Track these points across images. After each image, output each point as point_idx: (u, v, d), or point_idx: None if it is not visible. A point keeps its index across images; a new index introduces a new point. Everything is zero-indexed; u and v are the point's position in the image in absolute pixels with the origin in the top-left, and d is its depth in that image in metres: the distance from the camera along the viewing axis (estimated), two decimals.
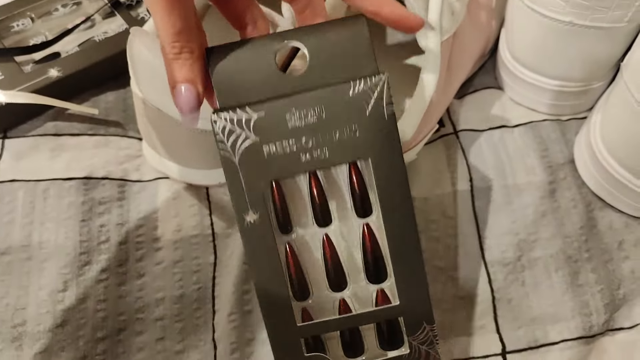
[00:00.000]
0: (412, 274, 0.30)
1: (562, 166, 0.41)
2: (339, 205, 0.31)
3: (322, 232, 0.31)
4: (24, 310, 0.35)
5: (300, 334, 0.30)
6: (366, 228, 0.31)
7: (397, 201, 0.29)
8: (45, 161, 0.40)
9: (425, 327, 0.31)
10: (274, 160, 0.28)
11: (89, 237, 0.37)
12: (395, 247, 0.30)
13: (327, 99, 0.28)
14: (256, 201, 0.29)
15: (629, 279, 0.37)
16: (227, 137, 0.28)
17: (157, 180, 0.40)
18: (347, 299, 0.31)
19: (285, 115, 0.28)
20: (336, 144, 0.29)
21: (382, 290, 0.31)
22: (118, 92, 0.44)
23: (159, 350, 0.35)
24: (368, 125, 0.28)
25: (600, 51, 0.40)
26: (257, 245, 0.29)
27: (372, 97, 0.28)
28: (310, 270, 0.31)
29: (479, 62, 0.46)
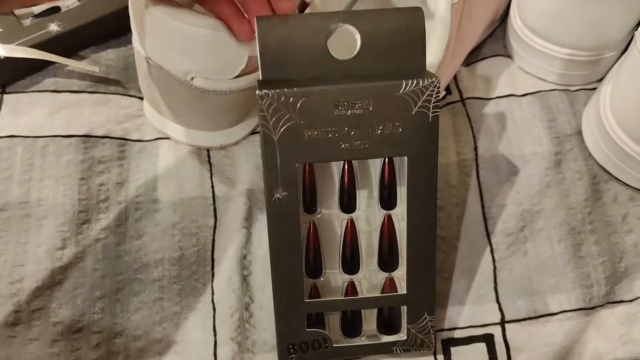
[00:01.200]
0: (423, 268, 0.31)
1: (569, 137, 0.41)
2: (366, 194, 0.32)
3: (346, 216, 0.32)
4: (22, 267, 0.35)
5: (306, 309, 0.31)
6: (387, 219, 0.32)
7: (424, 201, 0.30)
8: (45, 118, 0.39)
9: (425, 317, 0.32)
10: (313, 143, 0.29)
11: (88, 196, 0.37)
12: (413, 241, 0.31)
13: (377, 93, 0.28)
14: (288, 180, 0.29)
15: (631, 252, 0.37)
16: (271, 115, 0.28)
17: (158, 141, 0.40)
18: (356, 282, 0.33)
19: (333, 103, 0.28)
20: (377, 138, 0.29)
21: (391, 279, 0.33)
22: (119, 50, 0.43)
23: (157, 311, 0.34)
24: (412, 124, 0.29)
25: (614, 19, 0.39)
26: (281, 221, 0.30)
27: (422, 98, 0.28)
28: (327, 250, 0.32)
29: (489, 28, 0.45)
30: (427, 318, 0.32)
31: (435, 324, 0.33)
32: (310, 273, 0.32)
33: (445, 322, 0.35)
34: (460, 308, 0.36)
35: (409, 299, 0.32)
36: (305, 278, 0.32)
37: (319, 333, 0.32)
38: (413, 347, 0.33)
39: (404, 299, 0.32)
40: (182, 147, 0.39)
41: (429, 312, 0.32)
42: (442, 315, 0.35)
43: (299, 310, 0.31)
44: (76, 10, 0.42)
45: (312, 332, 0.32)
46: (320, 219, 0.32)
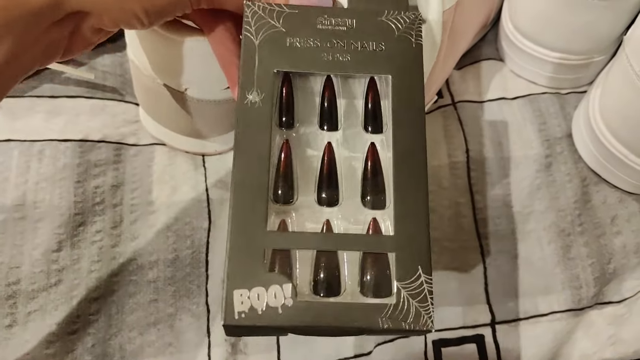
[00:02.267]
0: (413, 206, 0.26)
1: (560, 140, 0.41)
2: (349, 115, 0.29)
3: (326, 137, 0.29)
4: (18, 269, 0.35)
5: (267, 243, 0.25)
6: (371, 147, 0.28)
7: (410, 123, 0.27)
8: (41, 122, 0.40)
9: (420, 274, 0.25)
10: (294, 50, 0.28)
11: (83, 199, 0.37)
12: (400, 171, 0.26)
13: (360, 14, 0.29)
14: (264, 84, 0.27)
15: (620, 254, 0.37)
16: (255, 22, 0.28)
17: (154, 146, 0.40)
18: (333, 220, 0.27)
19: (316, 18, 0.29)
20: (360, 54, 0.28)
21: (375, 220, 0.27)
22: (115, 56, 0.44)
23: (151, 312, 0.35)
24: (395, 45, 0.29)
25: (603, 24, 0.39)
26: (251, 129, 0.26)
27: (403, 25, 0.29)
28: (302, 174, 0.28)
29: (480, 32, 0.46)
30: (423, 277, 0.25)
31: (433, 291, 0.25)
32: (278, 196, 0.27)
33: (437, 323, 0.35)
34: (451, 309, 0.36)
35: (398, 243, 0.25)
36: (273, 205, 0.26)
37: (281, 279, 0.24)
38: (406, 319, 0.24)
39: (391, 243, 0.25)
40: (177, 151, 0.40)
41: (424, 268, 0.25)
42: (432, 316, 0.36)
43: (259, 243, 0.25)
44: None
45: (272, 276, 0.24)
46: (297, 137, 0.29)
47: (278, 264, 0.25)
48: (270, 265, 0.25)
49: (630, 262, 0.37)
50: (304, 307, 0.24)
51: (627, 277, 0.37)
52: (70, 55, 0.27)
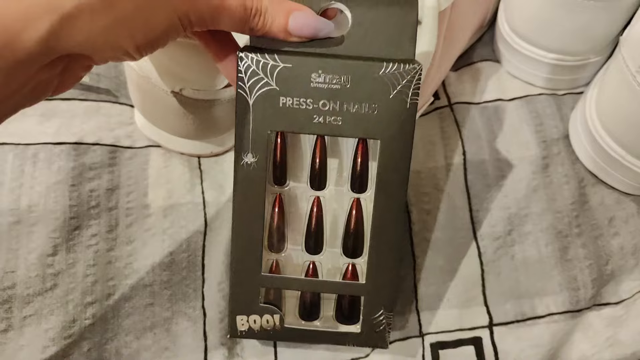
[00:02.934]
0: (385, 259, 0.31)
1: (557, 141, 0.41)
2: (337, 172, 0.31)
3: (314, 194, 0.31)
4: (13, 273, 0.35)
5: (262, 283, 0.31)
6: (355, 202, 0.31)
7: (393, 188, 0.30)
8: (35, 125, 0.40)
9: (382, 313, 0.32)
10: (287, 112, 0.28)
11: (78, 202, 0.37)
12: (378, 229, 0.30)
13: (356, 70, 0.28)
14: (259, 146, 0.29)
15: (617, 255, 0.37)
16: (249, 77, 0.28)
17: (149, 148, 0.40)
18: (317, 263, 0.32)
19: (310, 74, 0.28)
20: (351, 117, 0.29)
21: (353, 266, 0.32)
22: None
23: (147, 316, 0.35)
24: (388, 107, 0.28)
25: (599, 25, 0.39)
26: (248, 187, 0.29)
27: (401, 82, 0.28)
28: (292, 225, 0.32)
29: (476, 33, 0.46)
30: (384, 314, 0.31)
31: (392, 322, 0.32)
32: (272, 246, 0.32)
33: (434, 326, 0.35)
34: (448, 311, 0.36)
35: (367, 289, 0.31)
36: (267, 252, 0.31)
37: (272, 310, 0.31)
38: (366, 342, 0.32)
39: (363, 289, 0.31)
40: (173, 154, 0.40)
41: (386, 307, 0.31)
42: (430, 319, 0.36)
43: (255, 283, 0.31)
44: None
45: (265, 307, 0.31)
46: (288, 192, 0.31)
47: (271, 298, 0.32)
48: (264, 297, 0.32)
49: (627, 264, 0.37)
50: (289, 331, 0.32)
51: (624, 278, 0.37)
52: (59, 93, 0.26)
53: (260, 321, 0.32)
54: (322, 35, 0.28)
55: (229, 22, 0.26)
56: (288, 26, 0.27)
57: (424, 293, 0.36)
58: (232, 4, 0.25)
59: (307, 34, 0.27)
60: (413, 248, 0.37)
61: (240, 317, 0.32)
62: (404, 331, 0.35)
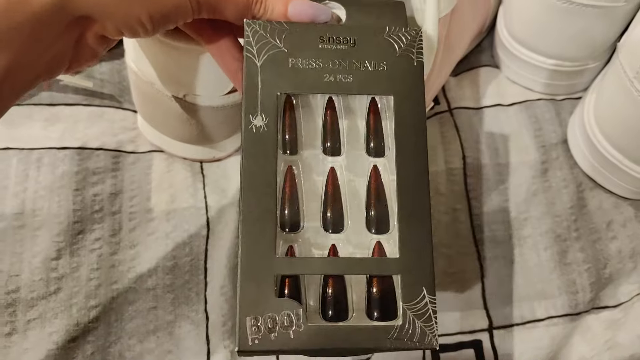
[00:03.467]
0: (418, 229, 0.27)
1: (555, 146, 0.42)
2: (351, 138, 0.30)
3: (329, 162, 0.29)
4: (17, 277, 0.35)
5: (277, 269, 0.26)
6: (374, 170, 0.29)
7: (412, 146, 0.28)
8: (40, 130, 0.40)
9: (425, 295, 0.26)
10: (296, 72, 0.28)
11: (82, 207, 0.38)
12: (404, 195, 0.27)
13: (361, 32, 0.29)
14: (268, 108, 0.28)
15: (615, 259, 0.38)
16: (256, 41, 0.28)
17: (152, 153, 0.40)
18: (339, 244, 0.28)
19: (317, 37, 0.28)
20: (362, 74, 0.29)
21: (379, 243, 0.28)
22: (113, 63, 0.44)
23: (151, 319, 0.35)
24: (396, 64, 0.29)
25: (597, 31, 0.40)
26: (257, 153, 0.27)
27: (405, 42, 0.29)
28: (307, 200, 0.28)
29: (476, 39, 0.46)
30: (427, 298, 0.26)
31: (436, 309, 0.26)
32: (285, 225, 0.27)
33: None
34: (449, 314, 0.36)
35: (403, 266, 0.26)
36: (281, 232, 0.27)
37: (291, 304, 0.25)
38: (412, 338, 0.25)
39: (397, 265, 0.26)
40: (175, 158, 0.40)
41: (428, 289, 0.26)
42: None
43: (269, 270, 0.25)
44: None
45: (283, 301, 0.25)
46: (301, 162, 0.29)
47: (287, 289, 0.26)
48: (279, 290, 0.26)
49: (625, 267, 0.38)
50: (315, 332, 0.25)
51: (622, 281, 0.37)
52: (76, 68, 0.26)
53: (278, 321, 0.25)
54: (320, 20, 0.29)
55: (233, 10, 0.27)
56: (287, 13, 0.28)
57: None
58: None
59: (305, 19, 0.28)
60: None
61: (251, 319, 0.25)
62: None
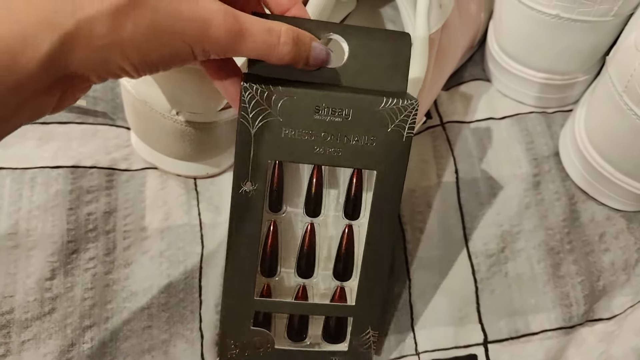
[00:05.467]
0: (374, 282, 0.32)
1: (547, 159, 0.42)
2: (331, 199, 0.32)
3: (309, 220, 0.32)
4: (11, 298, 0.35)
5: (254, 307, 0.32)
6: (348, 229, 0.32)
7: (385, 218, 0.31)
8: (33, 149, 0.40)
9: (369, 332, 0.33)
10: (288, 143, 0.29)
11: (76, 226, 0.37)
12: (369, 256, 0.32)
13: (358, 104, 0.29)
14: (258, 174, 0.29)
15: (608, 271, 0.38)
16: (252, 108, 0.28)
17: (146, 170, 0.40)
18: (308, 286, 0.33)
19: (314, 106, 0.29)
20: (350, 148, 0.29)
21: (342, 288, 0.33)
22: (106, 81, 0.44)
23: (145, 339, 0.35)
24: (385, 141, 0.29)
25: (586, 45, 0.40)
26: (244, 215, 0.30)
27: (399, 117, 0.29)
28: (286, 249, 0.33)
29: (467, 53, 0.46)
30: (371, 332, 0.33)
31: (377, 339, 0.33)
32: (265, 272, 0.32)
33: (429, 343, 0.36)
34: (443, 329, 0.36)
35: (356, 311, 0.32)
36: (260, 276, 0.32)
37: (263, 333, 0.32)
38: (351, 359, 0.34)
39: (351, 310, 0.33)
40: (169, 175, 0.40)
41: (373, 326, 0.33)
42: (426, 337, 0.36)
43: (247, 308, 0.32)
44: None
45: (256, 331, 0.32)
46: (283, 217, 0.32)
47: (260, 320, 0.33)
48: (254, 319, 0.32)
49: (619, 279, 0.38)
50: (279, 353, 0.33)
51: (616, 293, 0.37)
52: (56, 112, 0.25)
53: (252, 344, 0.32)
54: (329, 65, 0.28)
55: (251, 48, 0.25)
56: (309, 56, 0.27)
57: (419, 311, 0.37)
58: (255, 30, 0.25)
59: (320, 64, 0.28)
60: (408, 266, 0.38)
61: (230, 340, 0.32)
62: (400, 350, 0.36)
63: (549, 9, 0.38)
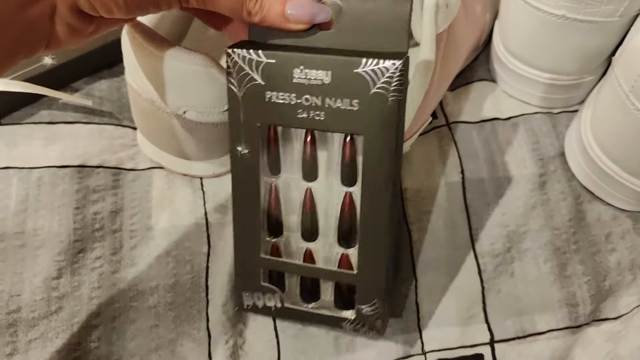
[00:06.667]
0: (373, 251, 0.31)
1: (553, 159, 0.42)
2: (327, 166, 0.32)
3: (306, 184, 0.33)
4: (18, 297, 0.35)
5: (261, 265, 0.33)
6: (348, 197, 0.32)
7: (378, 183, 0.30)
8: (40, 149, 0.40)
9: (375, 302, 0.32)
10: (273, 106, 0.29)
11: (83, 225, 0.38)
12: (365, 222, 0.31)
13: (336, 66, 0.28)
14: (250, 137, 0.30)
15: (615, 271, 0.38)
16: (237, 72, 0.29)
17: (152, 170, 0.40)
18: (314, 251, 0.33)
19: (292, 70, 0.28)
20: (334, 112, 0.29)
21: (346, 255, 0.33)
22: (112, 81, 0.44)
23: (152, 338, 0.35)
24: (369, 104, 0.28)
25: (592, 45, 0.40)
26: (244, 176, 0.31)
27: (381, 79, 0.28)
28: (287, 214, 0.33)
29: (472, 54, 0.46)
30: (378, 303, 0.32)
31: (386, 311, 0.33)
32: (270, 232, 0.33)
33: (436, 343, 0.36)
34: (450, 329, 0.36)
35: (359, 279, 0.32)
36: (267, 236, 0.33)
37: (273, 290, 0.33)
38: (361, 328, 0.33)
39: (354, 278, 0.32)
40: (176, 175, 0.40)
41: (379, 297, 0.32)
42: (432, 336, 0.36)
43: (255, 264, 0.33)
44: None
45: (267, 287, 0.33)
46: (282, 182, 0.33)
47: (274, 277, 0.34)
48: (268, 277, 0.34)
49: (625, 279, 0.38)
50: (289, 311, 0.34)
51: (622, 293, 0.37)
52: (58, 44, 0.24)
53: (263, 299, 0.34)
54: (319, 20, 0.28)
55: (226, 3, 0.27)
56: (285, 12, 0.27)
57: (425, 311, 0.37)
58: None
59: (304, 19, 0.27)
60: (414, 266, 0.38)
61: (245, 293, 0.34)
62: (406, 349, 0.36)
63: (555, 10, 0.38)
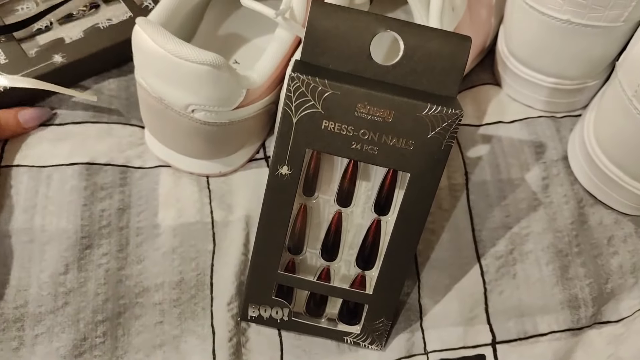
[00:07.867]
0: (394, 277, 0.33)
1: (556, 162, 0.42)
2: (362, 193, 0.33)
3: (338, 207, 0.34)
4: (25, 291, 0.36)
5: (277, 280, 0.34)
6: (376, 222, 0.34)
7: (413, 220, 0.32)
8: (50, 148, 0.40)
9: (382, 320, 0.34)
10: (328, 135, 0.30)
11: (90, 222, 0.38)
12: (393, 250, 0.33)
13: (400, 107, 0.29)
14: (295, 160, 0.31)
15: (616, 274, 0.38)
16: (296, 98, 0.29)
17: (159, 168, 0.41)
18: (331, 269, 0.35)
19: (356, 104, 0.29)
20: (388, 148, 0.30)
21: (362, 276, 0.34)
22: (120, 80, 0.45)
23: (157, 334, 0.35)
24: (424, 146, 0.30)
25: (596, 50, 0.41)
26: (278, 195, 0.32)
27: (441, 125, 0.29)
28: (313, 232, 0.34)
29: (477, 57, 0.47)
30: (384, 322, 0.34)
31: (390, 329, 0.35)
32: (291, 249, 0.34)
33: (438, 343, 0.36)
34: (452, 329, 0.37)
35: (372, 300, 0.34)
36: (286, 253, 0.34)
37: (283, 304, 0.34)
38: (363, 342, 0.35)
39: (368, 298, 0.34)
40: (182, 173, 0.41)
41: (387, 317, 0.34)
42: (434, 337, 0.36)
43: (271, 279, 0.34)
44: (80, 43, 0.43)
45: (276, 301, 0.34)
46: (314, 202, 0.34)
47: (283, 290, 0.35)
48: (277, 289, 0.34)
49: (627, 282, 0.38)
50: (295, 324, 0.35)
51: (624, 296, 0.38)
52: None
53: (270, 312, 0.35)
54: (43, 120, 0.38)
55: None
56: None
57: (428, 311, 0.37)
58: None
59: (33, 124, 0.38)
60: (418, 267, 0.38)
61: (252, 305, 0.35)
62: (409, 349, 0.36)
63: (560, 14, 0.39)
